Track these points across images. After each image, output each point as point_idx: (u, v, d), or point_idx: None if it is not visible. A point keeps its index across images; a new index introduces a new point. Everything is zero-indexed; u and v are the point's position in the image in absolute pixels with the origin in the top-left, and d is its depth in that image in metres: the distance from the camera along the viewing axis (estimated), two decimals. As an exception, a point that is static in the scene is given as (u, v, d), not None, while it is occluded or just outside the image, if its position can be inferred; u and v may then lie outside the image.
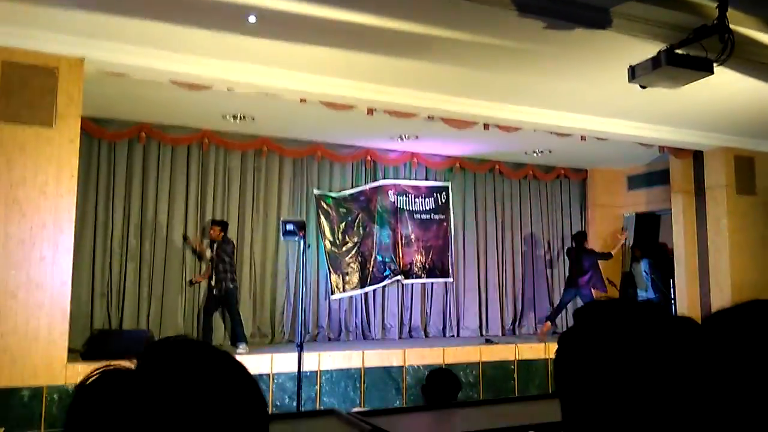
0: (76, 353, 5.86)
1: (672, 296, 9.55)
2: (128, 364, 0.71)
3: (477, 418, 2.79)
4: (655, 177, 9.78)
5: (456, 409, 3.03)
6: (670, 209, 9.16)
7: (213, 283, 7.26)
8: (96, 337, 6.14)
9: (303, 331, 5.32)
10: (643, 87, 4.67)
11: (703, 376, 0.76)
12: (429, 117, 6.91)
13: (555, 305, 9.18)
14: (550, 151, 9.06)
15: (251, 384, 0.72)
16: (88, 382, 0.68)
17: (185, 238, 7.69)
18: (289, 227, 5.11)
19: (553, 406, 0.86)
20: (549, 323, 8.71)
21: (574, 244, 9.11)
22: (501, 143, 8.34)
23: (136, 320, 7.41)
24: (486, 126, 7.17)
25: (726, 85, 5.88)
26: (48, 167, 5.08)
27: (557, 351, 0.87)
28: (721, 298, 8.21)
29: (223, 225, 7.50)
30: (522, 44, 5.08)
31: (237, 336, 7.15)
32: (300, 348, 5.11)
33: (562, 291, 9.77)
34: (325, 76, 5.85)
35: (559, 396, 0.84)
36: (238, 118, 7.31)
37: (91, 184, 7.37)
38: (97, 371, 0.69)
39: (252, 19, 4.63)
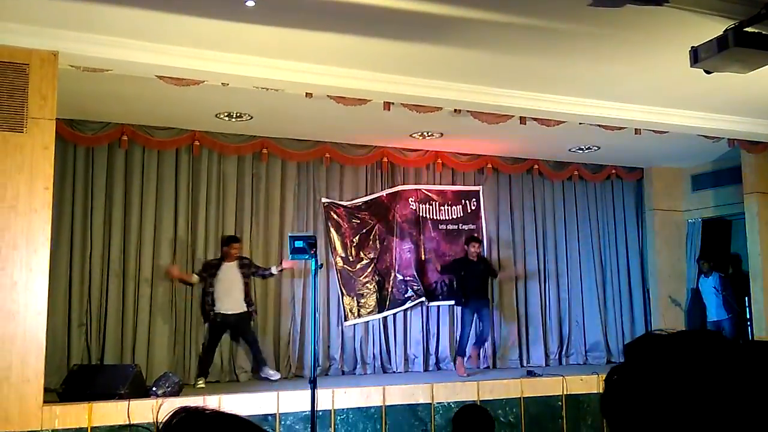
0: (53, 393, 5.95)
1: (748, 317, 9.47)
2: None
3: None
4: (725, 176, 9.74)
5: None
6: (743, 213, 9.10)
7: (219, 307, 7.51)
8: (75, 374, 6.22)
9: (315, 365, 5.36)
10: (708, 72, 4.68)
11: None
12: (455, 111, 6.97)
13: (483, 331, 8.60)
14: (598, 148, 9.06)
15: None
16: None
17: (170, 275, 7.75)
18: (299, 244, 5.16)
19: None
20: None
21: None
22: (540, 139, 8.36)
23: (119, 353, 7.52)
24: (523, 120, 7.20)
25: (807, 67, 5.86)
26: (19, 178, 5.20)
27: (606, 389, 0.90)
28: (807, 318, 8.14)
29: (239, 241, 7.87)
30: (564, 24, 5.12)
31: (261, 360, 7.65)
32: (313, 384, 5.16)
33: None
34: (335, 66, 5.93)
35: None
36: (234, 116, 7.42)
37: (66, 197, 7.52)
38: None
39: (250, 3, 4.73)
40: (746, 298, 9.42)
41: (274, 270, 7.78)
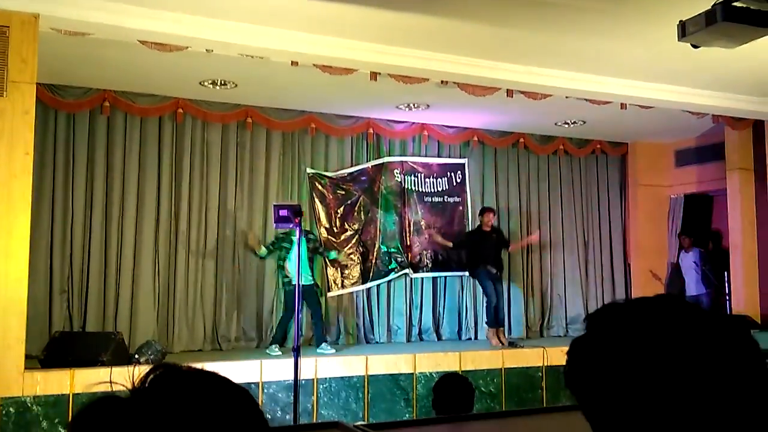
0: (34, 360, 5.94)
1: (726, 292, 9.61)
2: (123, 392, 0.77)
3: (502, 431, 2.85)
4: (708, 152, 9.80)
5: (476, 421, 3.10)
6: (725, 189, 9.19)
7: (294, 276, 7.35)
8: (57, 341, 6.20)
9: (298, 333, 5.39)
10: (695, 46, 4.68)
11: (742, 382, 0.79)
12: (442, 82, 6.93)
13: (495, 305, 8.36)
14: (584, 122, 9.07)
15: (256, 412, 0.78)
16: (81, 415, 0.74)
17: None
18: (283, 213, 5.17)
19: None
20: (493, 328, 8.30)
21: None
22: (527, 113, 8.35)
23: (102, 321, 7.50)
24: (509, 92, 7.18)
25: (793, 44, 5.88)
26: (-2, 143, 5.12)
27: (568, 362, 0.90)
28: (784, 293, 8.27)
29: None
30: (553, -4, 5.08)
31: (319, 336, 7.71)
32: (296, 353, 5.19)
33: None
34: (321, 34, 5.86)
35: (582, 409, 0.87)
36: (218, 84, 7.33)
37: (47, 163, 7.42)
38: (92, 403, 0.76)
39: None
40: (725, 274, 9.55)
41: (333, 254, 8.21)
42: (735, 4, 4.28)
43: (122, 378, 0.78)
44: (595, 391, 0.85)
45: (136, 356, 6.17)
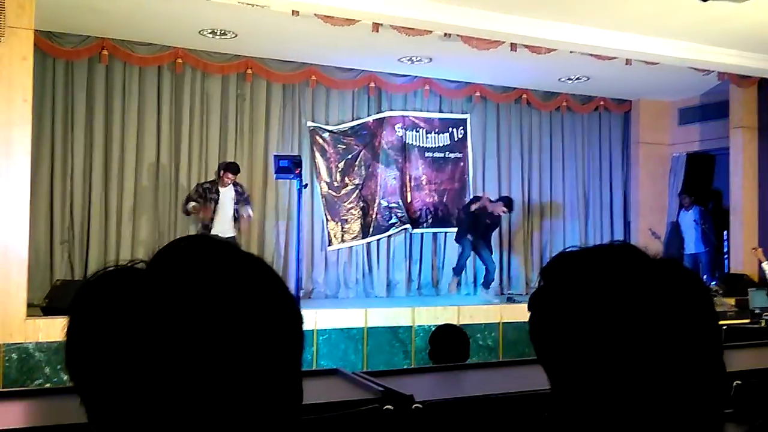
0: (36, 308, 6.01)
1: (725, 251, 9.66)
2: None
3: (498, 379, 2.91)
4: (712, 110, 9.74)
5: (470, 370, 3.16)
6: (728, 148, 9.16)
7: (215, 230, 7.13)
8: (59, 289, 6.26)
9: (298, 283, 5.44)
10: (703, 0, 4.62)
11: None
12: (445, 35, 6.85)
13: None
14: (588, 78, 8.99)
15: (285, 291, 0.71)
16: (94, 277, 0.67)
17: (187, 211, 7.38)
18: (284, 164, 5.18)
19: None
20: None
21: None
22: (530, 68, 8.27)
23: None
24: (513, 46, 7.11)
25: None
26: (-4, 90, 5.10)
27: (531, 316, 0.89)
28: (782, 252, 8.31)
29: None
30: (560, -54, 5.00)
31: None
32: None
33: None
34: (323, -17, 5.79)
35: (542, 364, 0.88)
36: (218, 33, 7.25)
37: (45, 111, 7.37)
38: (105, 269, 0.68)
39: None
40: (725, 233, 9.58)
41: (249, 212, 7.43)
42: (745, -45, 4.21)
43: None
44: (548, 342, 0.86)
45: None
